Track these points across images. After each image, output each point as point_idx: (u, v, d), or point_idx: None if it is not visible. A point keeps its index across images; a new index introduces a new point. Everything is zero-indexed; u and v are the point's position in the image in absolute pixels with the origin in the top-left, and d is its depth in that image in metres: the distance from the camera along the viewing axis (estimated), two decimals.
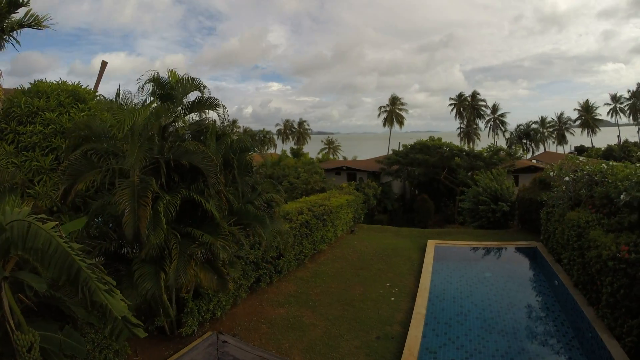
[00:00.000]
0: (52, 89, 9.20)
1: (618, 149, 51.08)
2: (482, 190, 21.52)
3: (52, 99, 8.96)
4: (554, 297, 11.60)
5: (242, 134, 44.42)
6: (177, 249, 7.06)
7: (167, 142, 8.04)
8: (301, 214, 14.07)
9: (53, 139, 8.49)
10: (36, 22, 7.69)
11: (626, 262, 8.10)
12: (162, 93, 7.72)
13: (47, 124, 8.52)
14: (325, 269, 14.01)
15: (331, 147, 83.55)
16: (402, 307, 11.01)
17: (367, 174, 36.66)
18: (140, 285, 6.55)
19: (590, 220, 10.59)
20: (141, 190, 6.56)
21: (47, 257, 3.70)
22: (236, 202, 8.87)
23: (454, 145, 31.74)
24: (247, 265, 10.75)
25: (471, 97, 78.04)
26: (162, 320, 8.53)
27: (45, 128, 8.44)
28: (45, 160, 8.27)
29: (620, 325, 8.14)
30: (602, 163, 13.28)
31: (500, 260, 15.71)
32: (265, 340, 9.28)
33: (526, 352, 8.84)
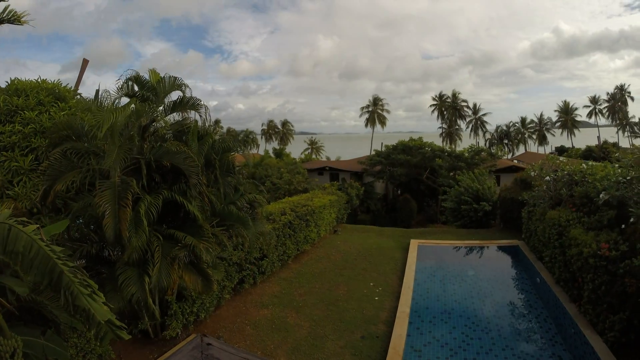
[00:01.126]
0: (32, 87, 8.94)
1: (597, 150, 52.53)
2: (464, 190, 21.79)
3: (32, 98, 8.70)
4: (536, 294, 11.79)
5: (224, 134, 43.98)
6: (160, 252, 6.95)
7: (147, 142, 7.91)
8: (284, 215, 14.01)
9: (33, 139, 8.24)
10: (15, 18, 7.47)
11: (607, 259, 8.31)
12: (143, 92, 7.58)
13: (27, 123, 8.26)
14: (309, 270, 13.98)
15: (314, 147, 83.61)
16: (386, 306, 11.05)
17: (349, 174, 36.79)
18: (124, 290, 6.42)
19: (571, 218, 10.82)
20: (122, 192, 6.44)
21: (29, 260, 3.59)
22: (218, 203, 8.78)
23: (435, 146, 32.07)
24: (230, 266, 10.65)
25: (452, 97, 78.85)
26: (145, 323, 8.40)
27: (24, 127, 8.18)
28: (25, 161, 8.03)
29: (602, 320, 8.33)
30: (582, 163, 13.61)
31: (483, 258, 15.94)
32: (250, 341, 9.21)
33: (510, 349, 8.97)
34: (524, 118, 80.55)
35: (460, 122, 79.84)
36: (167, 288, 7.37)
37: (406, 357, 8.59)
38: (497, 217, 21.00)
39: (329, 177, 37.62)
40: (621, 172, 9.96)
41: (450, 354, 8.84)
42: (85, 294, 3.69)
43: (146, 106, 7.44)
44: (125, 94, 7.64)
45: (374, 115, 79.05)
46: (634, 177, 9.09)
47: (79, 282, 3.70)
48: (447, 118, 78.94)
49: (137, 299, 6.55)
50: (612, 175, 10.26)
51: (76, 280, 3.69)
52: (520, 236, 16.24)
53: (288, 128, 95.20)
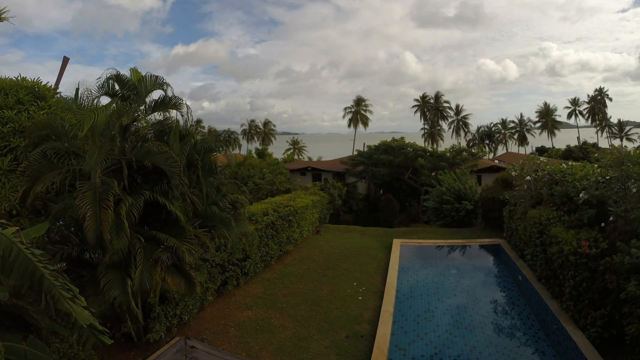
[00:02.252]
0: (11, 85, 8.67)
1: (577, 150, 53.79)
2: (446, 189, 22.03)
3: (11, 96, 8.42)
4: (518, 292, 12.01)
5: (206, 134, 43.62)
6: (142, 254, 6.82)
7: (129, 142, 7.77)
8: (267, 215, 13.95)
9: (12, 139, 7.98)
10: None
11: (587, 256, 8.51)
12: (124, 91, 7.45)
13: (5, 122, 7.99)
14: (292, 270, 13.95)
15: (296, 147, 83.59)
16: (370, 306, 11.09)
17: (332, 174, 36.84)
18: (107, 293, 6.29)
19: (551, 217, 11.03)
20: (103, 193, 6.29)
21: (9, 264, 3.48)
22: (201, 204, 8.68)
23: (417, 146, 32.32)
24: (213, 268, 10.54)
25: (435, 98, 79.70)
26: (129, 326, 8.26)
27: (3, 127, 7.92)
28: (4, 161, 7.78)
29: (584, 316, 8.52)
30: (562, 163, 13.94)
31: (465, 257, 16.15)
32: (235, 343, 9.14)
33: (494, 346, 9.10)
34: (504, 119, 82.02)
35: (442, 123, 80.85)
36: (150, 290, 7.24)
37: (391, 355, 8.64)
38: (479, 216, 21.30)
39: (312, 178, 37.59)
40: (600, 172, 10.21)
41: (435, 352, 8.93)
42: (67, 298, 3.60)
43: (127, 105, 7.30)
44: (106, 92, 7.50)
45: (357, 115, 79.43)
46: (613, 177, 9.32)
47: (60, 285, 3.61)
48: (429, 119, 79.81)
49: (119, 302, 6.43)
50: (591, 175, 10.52)
51: (57, 284, 3.60)
52: (502, 235, 16.47)
53: (270, 128, 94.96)
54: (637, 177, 8.55)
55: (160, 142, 7.81)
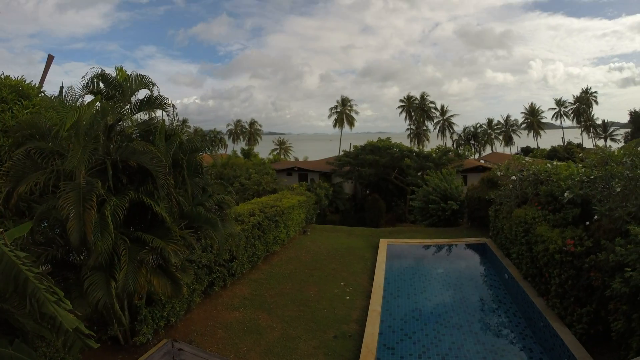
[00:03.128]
0: None
1: (562, 150, 54.62)
2: (432, 189, 22.19)
3: None
4: (504, 290, 12.14)
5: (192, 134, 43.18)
6: (127, 255, 6.68)
7: (113, 142, 7.63)
8: (253, 216, 13.88)
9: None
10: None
11: (572, 254, 8.67)
12: (109, 90, 7.32)
13: None
14: (279, 271, 13.91)
15: (282, 147, 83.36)
16: (358, 306, 11.10)
17: (318, 174, 36.82)
18: (90, 295, 6.15)
19: (537, 216, 11.18)
20: (87, 193, 6.15)
21: None
22: (186, 204, 8.57)
23: (403, 146, 32.47)
24: (199, 269, 10.44)
25: (420, 98, 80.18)
26: (115, 329, 8.12)
27: None
28: None
29: (570, 313, 8.66)
30: (547, 163, 14.12)
31: (452, 256, 16.27)
32: (223, 345, 9.06)
33: (482, 344, 9.18)
34: (490, 119, 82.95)
35: (428, 123, 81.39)
36: (135, 293, 7.12)
37: (379, 354, 8.66)
38: (465, 216, 21.52)
39: (298, 178, 37.52)
40: (585, 171, 10.39)
41: (423, 350, 8.98)
42: (52, 301, 3.50)
43: (112, 104, 7.18)
44: (90, 91, 7.35)
45: (343, 115, 79.49)
46: (597, 177, 9.48)
47: (44, 288, 3.51)
48: (415, 119, 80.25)
49: (104, 304, 6.30)
50: (576, 174, 10.70)
51: (42, 287, 3.50)
52: (488, 234, 16.66)
53: (256, 128, 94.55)
54: (620, 177, 8.70)
55: (145, 142, 7.67)
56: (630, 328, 6.62)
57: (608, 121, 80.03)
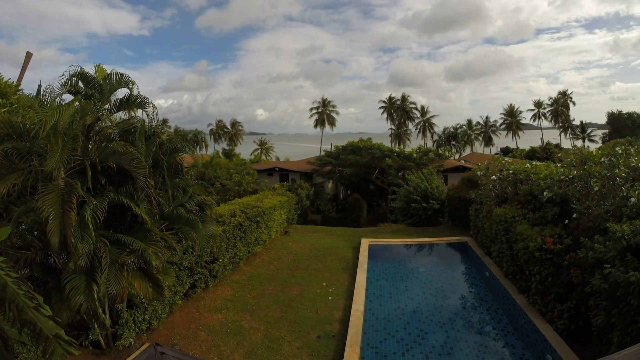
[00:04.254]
0: None
1: (540, 150, 55.69)
2: (413, 189, 22.39)
3: None
4: (486, 288, 12.32)
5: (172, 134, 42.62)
6: (108, 258, 6.57)
7: (93, 142, 7.49)
8: (234, 216, 13.79)
9: None
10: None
11: (552, 252, 8.88)
12: (88, 89, 7.17)
13: None
14: (261, 272, 13.84)
15: (263, 148, 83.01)
16: (340, 306, 11.13)
17: (299, 174, 36.77)
18: (72, 299, 6.01)
19: (517, 215, 11.40)
20: (66, 195, 6.03)
21: None
22: (167, 205, 8.50)
23: (384, 147, 32.63)
24: (181, 271, 10.33)
25: (401, 99, 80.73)
26: (97, 333, 7.96)
27: None
28: None
29: (551, 310, 8.85)
30: (526, 163, 14.41)
31: (433, 255, 16.42)
32: (206, 347, 8.97)
33: (464, 341, 9.32)
34: (470, 120, 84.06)
35: (408, 124, 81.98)
36: (117, 296, 7.00)
37: (363, 354, 8.70)
38: (446, 215, 21.75)
39: (279, 178, 37.44)
40: (564, 171, 10.65)
41: (407, 349, 9.06)
42: (31, 307, 3.41)
43: (91, 104, 7.04)
44: (69, 90, 7.19)
45: (324, 116, 79.54)
46: (575, 176, 9.73)
47: (23, 294, 3.41)
48: (396, 120, 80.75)
49: (85, 309, 6.18)
50: (555, 174, 10.96)
51: (21, 292, 3.39)
52: (469, 233, 16.89)
53: (237, 128, 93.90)
54: (599, 176, 8.97)
55: (125, 142, 7.58)
56: (610, 323, 6.78)
57: (586, 122, 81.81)
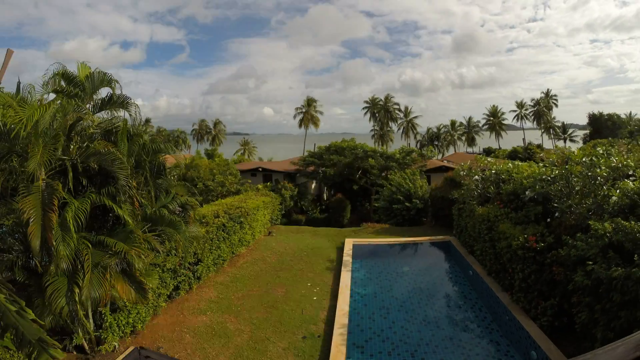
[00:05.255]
0: None
1: (522, 151, 56.57)
2: (396, 189, 22.52)
3: None
4: (470, 286, 12.47)
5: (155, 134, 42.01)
6: (90, 260, 6.45)
7: (74, 142, 7.34)
8: (217, 217, 13.70)
9: None
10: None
11: (534, 250, 9.04)
12: (70, 88, 7.03)
13: None
14: (245, 273, 13.76)
15: (246, 148, 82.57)
16: (325, 306, 11.14)
17: (283, 175, 36.66)
18: (54, 303, 5.89)
19: (499, 214, 11.57)
20: (47, 196, 5.89)
21: None
22: (149, 206, 8.40)
23: (368, 147, 32.72)
24: (164, 273, 10.20)
25: (384, 100, 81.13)
26: (80, 337, 7.80)
27: None
28: None
29: (535, 307, 9.01)
30: (509, 163, 14.61)
31: (417, 254, 16.56)
32: (191, 350, 8.88)
33: (449, 339, 9.43)
34: (453, 121, 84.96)
35: (392, 124, 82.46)
36: (100, 299, 6.88)
37: (349, 354, 8.72)
38: (429, 215, 21.94)
39: (262, 178, 37.23)
40: (545, 171, 10.86)
41: (392, 348, 9.12)
42: (13, 311, 3.32)
43: (73, 103, 6.89)
44: (51, 89, 7.03)
45: (308, 116, 79.45)
46: (557, 176, 9.93)
47: (5, 298, 3.33)
48: (379, 120, 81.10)
49: (67, 312, 6.05)
50: (536, 174, 11.16)
51: (2, 296, 3.32)
52: (452, 232, 17.07)
53: (220, 128, 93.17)
54: (580, 176, 9.18)
55: (107, 143, 7.48)
56: (593, 319, 6.94)
57: (567, 123, 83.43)
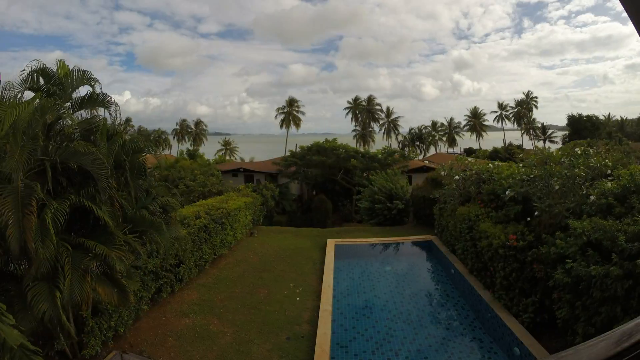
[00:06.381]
0: None
1: (503, 151, 57.59)
2: (378, 189, 22.66)
3: None
4: (452, 285, 12.61)
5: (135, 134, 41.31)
6: (70, 263, 6.29)
7: (53, 142, 7.17)
8: (199, 218, 13.52)
9: None
10: None
11: (515, 249, 9.20)
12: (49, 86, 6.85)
13: None
14: (228, 274, 13.65)
15: (228, 148, 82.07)
16: (308, 306, 11.12)
17: (264, 175, 36.60)
18: (35, 307, 5.71)
19: (480, 213, 11.73)
20: (25, 198, 5.72)
21: None
22: (130, 207, 8.23)
23: (350, 147, 32.90)
24: (146, 275, 10.02)
25: (367, 101, 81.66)
26: (62, 343, 7.59)
27: None
28: None
29: (516, 304, 9.16)
30: (489, 163, 14.84)
31: (399, 254, 16.68)
32: (175, 353, 8.74)
33: (433, 337, 9.53)
34: (435, 122, 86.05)
35: (373, 125, 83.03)
36: (81, 303, 6.71)
37: (333, 354, 8.74)
38: (411, 215, 22.16)
39: (244, 179, 37.09)
40: (525, 171, 11.08)
41: (376, 347, 9.15)
42: None
43: (52, 101, 6.72)
44: (30, 87, 6.85)
45: (290, 116, 79.45)
46: (537, 176, 10.14)
47: None
48: (361, 121, 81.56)
49: (49, 317, 5.89)
50: (517, 174, 11.39)
51: None
52: (433, 231, 17.21)
53: (201, 128, 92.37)
54: (559, 176, 9.39)
55: (86, 142, 7.28)
56: (574, 315, 7.11)
57: (547, 124, 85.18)
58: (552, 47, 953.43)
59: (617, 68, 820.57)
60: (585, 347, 1.34)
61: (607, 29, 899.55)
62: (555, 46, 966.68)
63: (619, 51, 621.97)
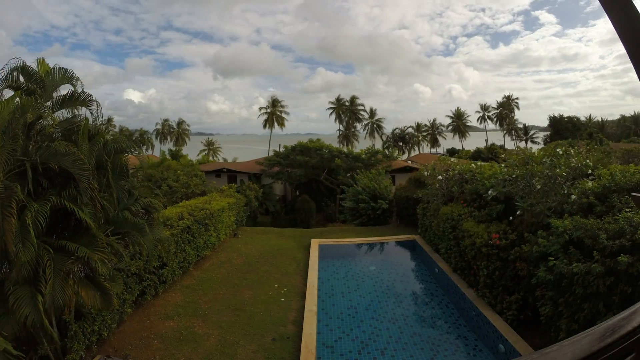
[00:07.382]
0: None
1: (485, 151, 58.32)
2: (361, 189, 22.78)
3: None
4: (436, 283, 12.73)
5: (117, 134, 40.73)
6: (52, 266, 6.18)
7: (33, 142, 7.02)
8: (182, 219, 13.38)
9: None
10: None
11: (498, 247, 9.35)
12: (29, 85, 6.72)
13: None
14: (212, 275, 13.55)
15: (211, 148, 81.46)
16: (293, 307, 11.11)
17: (248, 175, 36.43)
18: (17, 312, 5.58)
19: (463, 213, 11.88)
20: (5, 199, 5.60)
21: None
22: (112, 209, 8.11)
23: (333, 147, 33.01)
24: (129, 277, 9.87)
25: (350, 101, 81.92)
26: (45, 348, 7.43)
27: None
28: None
29: (500, 302, 9.29)
30: (472, 163, 15.03)
31: (383, 253, 16.76)
32: (159, 356, 8.63)
33: (418, 335, 9.59)
34: (418, 123, 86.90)
35: (357, 125, 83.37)
36: (64, 306, 6.59)
37: (319, 354, 8.74)
38: (394, 214, 22.30)
39: (227, 179, 36.88)
40: (507, 171, 11.28)
41: (362, 347, 9.18)
42: None
43: (32, 100, 6.59)
44: (9, 85, 6.71)
45: (273, 116, 79.15)
46: (519, 175, 10.32)
47: None
48: (344, 121, 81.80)
49: (32, 321, 5.76)
50: (499, 173, 11.58)
51: None
52: (417, 231, 17.36)
53: (184, 128, 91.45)
54: (541, 175, 9.58)
55: (67, 142, 7.16)
56: (558, 312, 7.24)
57: (529, 125, 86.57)
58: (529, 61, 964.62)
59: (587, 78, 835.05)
60: (569, 343, 1.38)
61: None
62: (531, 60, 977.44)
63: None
